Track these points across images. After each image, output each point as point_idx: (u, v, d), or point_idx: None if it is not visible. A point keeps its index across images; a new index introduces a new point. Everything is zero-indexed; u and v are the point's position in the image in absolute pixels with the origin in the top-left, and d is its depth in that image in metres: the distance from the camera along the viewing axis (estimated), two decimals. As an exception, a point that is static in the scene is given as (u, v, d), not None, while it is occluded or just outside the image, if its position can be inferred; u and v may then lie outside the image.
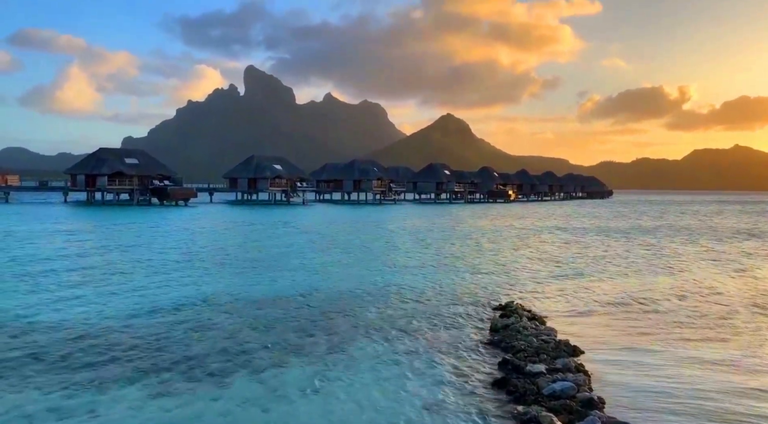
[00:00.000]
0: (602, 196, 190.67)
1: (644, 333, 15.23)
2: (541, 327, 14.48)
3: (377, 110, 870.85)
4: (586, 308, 18.35)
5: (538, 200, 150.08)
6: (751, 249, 37.72)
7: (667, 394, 10.50)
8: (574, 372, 10.73)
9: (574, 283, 23.20)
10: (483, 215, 76.49)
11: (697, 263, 30.29)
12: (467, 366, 12.05)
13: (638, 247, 38.25)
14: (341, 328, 15.13)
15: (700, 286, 22.99)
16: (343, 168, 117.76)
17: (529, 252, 34.05)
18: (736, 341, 14.59)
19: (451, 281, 22.91)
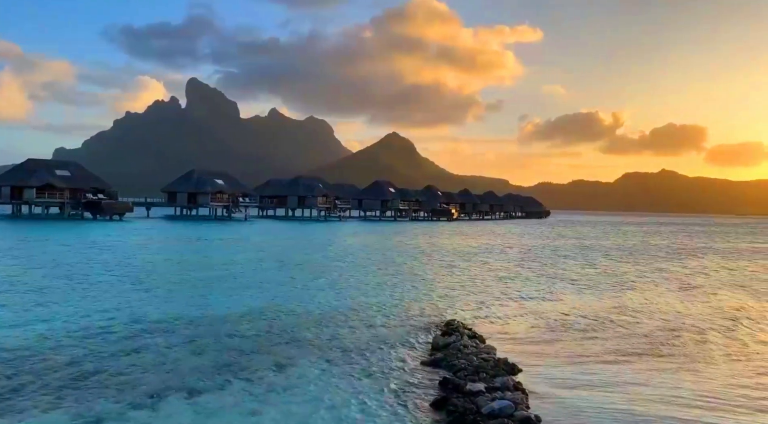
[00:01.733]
0: (540, 216, 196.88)
1: (582, 350, 15.65)
2: (481, 345, 14.64)
3: (324, 127, 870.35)
4: (526, 326, 18.73)
5: (479, 219, 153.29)
6: (690, 268, 39.75)
7: (602, 411, 10.77)
8: (512, 390, 10.87)
9: (516, 301, 23.67)
10: (427, 233, 77.31)
11: (638, 282, 31.55)
12: (407, 386, 12.00)
13: (579, 266, 39.55)
14: (280, 348, 14.78)
15: (640, 304, 23.89)
16: (288, 184, 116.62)
17: (471, 271, 34.56)
18: (674, 357, 15.18)
19: (394, 299, 22.89)
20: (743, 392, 12.30)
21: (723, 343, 17.00)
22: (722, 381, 13.04)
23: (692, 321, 20.24)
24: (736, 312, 22.42)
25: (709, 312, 22.24)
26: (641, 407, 10.93)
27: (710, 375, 13.48)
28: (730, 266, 42.65)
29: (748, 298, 26.51)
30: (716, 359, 15.12)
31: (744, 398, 11.86)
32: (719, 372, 13.83)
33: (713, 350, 16.10)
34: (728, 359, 15.20)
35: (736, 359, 15.14)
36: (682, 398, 11.65)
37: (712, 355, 15.52)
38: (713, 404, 11.38)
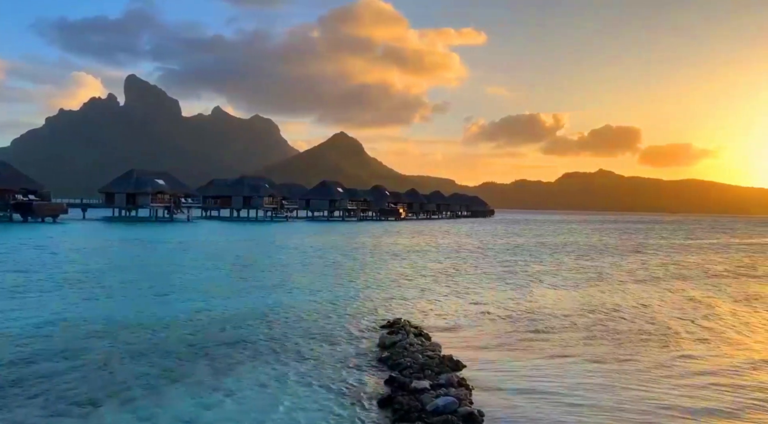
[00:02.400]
0: (485, 215, 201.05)
1: (526, 346, 16.06)
2: (427, 343, 14.81)
3: (269, 126, 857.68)
4: (472, 323, 19.07)
5: (427, 219, 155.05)
6: (627, 263, 41.48)
7: (543, 404, 11.10)
8: (456, 387, 11.05)
9: (462, 298, 24.07)
10: (375, 233, 77.53)
11: (582, 278, 32.64)
12: (354, 385, 12.00)
13: (525, 263, 40.59)
14: (224, 351, 14.46)
15: (584, 299, 24.71)
16: (233, 184, 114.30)
17: (419, 269, 34.89)
18: (614, 349, 15.77)
19: (342, 300, 22.84)
20: (678, 384, 12.95)
21: (669, 337, 17.83)
22: (660, 372, 13.69)
23: (635, 315, 21.15)
24: (683, 305, 23.59)
25: (652, 305, 23.29)
26: (581, 401, 11.32)
27: (654, 369, 13.96)
28: (670, 261, 44.80)
29: (690, 290, 27.93)
30: (661, 352, 15.80)
31: (677, 394, 12.47)
32: (662, 365, 14.51)
33: (657, 343, 16.85)
34: (670, 350, 15.97)
35: (676, 350, 15.94)
36: (622, 391, 12.10)
37: (655, 347, 16.25)
38: (653, 396, 11.85)
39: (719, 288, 29.60)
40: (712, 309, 22.95)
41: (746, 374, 13.61)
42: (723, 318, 20.96)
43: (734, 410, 11.06)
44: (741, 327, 19.40)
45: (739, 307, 23.62)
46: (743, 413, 10.90)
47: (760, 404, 11.49)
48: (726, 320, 20.67)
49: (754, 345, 16.80)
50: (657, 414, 10.69)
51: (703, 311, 22.34)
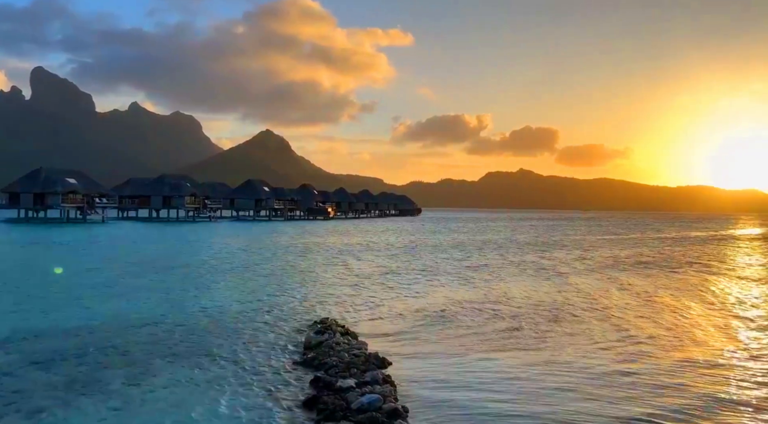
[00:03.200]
0: (412, 214, 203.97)
1: (451, 341, 16.33)
2: (353, 342, 14.78)
3: (191, 123, 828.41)
4: (399, 320, 19.24)
5: (355, 218, 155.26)
6: (551, 258, 43.22)
7: (469, 398, 11.32)
8: (381, 384, 11.10)
9: (390, 296, 24.23)
10: (303, 232, 76.68)
11: (507, 273, 33.68)
12: (279, 387, 11.77)
13: (452, 260, 41.43)
14: (141, 358, 13.77)
15: (509, 294, 25.45)
16: (152, 183, 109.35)
17: (347, 268, 34.83)
18: (538, 342, 16.30)
19: (268, 301, 22.39)
20: (601, 372, 13.63)
21: (593, 329, 18.71)
22: (582, 363, 14.36)
23: (560, 308, 22.04)
24: (606, 297, 24.79)
25: (571, 299, 24.35)
26: (504, 395, 11.61)
27: (576, 361, 14.44)
28: (587, 256, 47.13)
29: (606, 285, 29.49)
30: (585, 344, 16.51)
31: (601, 383, 13.09)
32: (581, 359, 15.21)
33: (582, 335, 17.59)
34: (595, 342, 16.76)
35: (594, 342, 16.77)
36: (544, 383, 12.51)
37: (579, 339, 17.00)
38: (573, 391, 12.31)
39: (638, 280, 31.48)
40: (634, 301, 24.27)
41: (661, 363, 14.54)
42: (649, 311, 22.15)
43: (651, 400, 11.55)
44: (662, 319, 20.70)
45: (662, 298, 25.22)
46: (657, 401, 11.48)
47: (674, 396, 12.23)
48: (651, 313, 21.95)
49: (665, 335, 17.96)
50: (578, 406, 11.08)
51: (625, 303, 23.57)
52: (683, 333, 17.87)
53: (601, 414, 10.53)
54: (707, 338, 17.21)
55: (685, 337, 17.32)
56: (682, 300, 24.53)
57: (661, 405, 11.10)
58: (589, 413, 10.57)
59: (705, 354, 15.19)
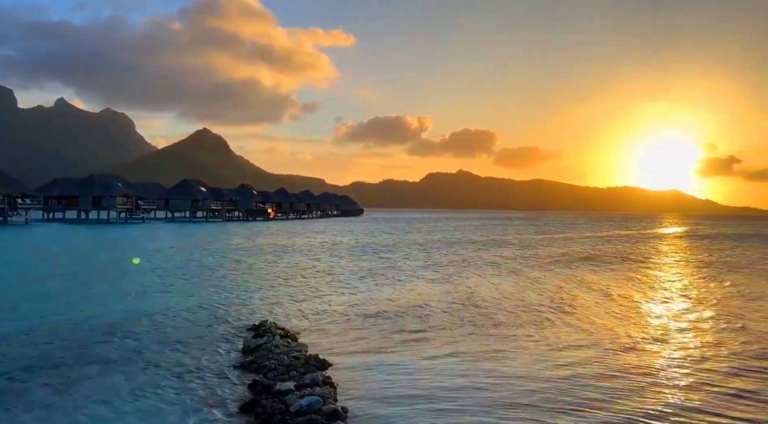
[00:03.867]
0: (355, 214, 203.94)
1: (392, 340, 16.43)
2: (293, 344, 14.60)
3: (123, 121, 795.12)
4: (340, 321, 19.15)
5: (297, 218, 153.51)
6: (492, 256, 44.12)
7: (408, 398, 11.38)
8: (321, 386, 11.03)
9: (331, 296, 24.07)
10: (242, 233, 75.05)
11: (450, 271, 34.09)
12: (216, 393, 11.47)
13: (393, 260, 41.58)
14: (69, 364, 13.08)
15: (451, 292, 25.80)
16: (80, 183, 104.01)
17: (288, 269, 34.33)
18: (480, 340, 16.57)
19: (204, 304, 21.74)
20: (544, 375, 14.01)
21: (537, 327, 19.20)
22: (524, 359, 14.72)
23: (501, 306, 22.54)
24: (547, 295, 25.52)
25: (518, 296, 24.98)
26: (444, 393, 11.74)
27: (513, 359, 14.83)
28: (527, 254, 48.48)
29: (550, 281, 30.41)
30: (523, 342, 16.97)
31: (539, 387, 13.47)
32: (524, 356, 15.60)
33: (522, 332, 18.07)
34: (534, 339, 17.21)
35: (537, 340, 17.23)
36: (485, 383, 12.69)
37: (516, 337, 17.42)
38: (515, 388, 12.60)
39: (576, 277, 32.67)
40: (575, 298, 25.03)
41: (605, 357, 15.13)
42: (587, 306, 22.96)
43: (605, 398, 11.89)
44: (600, 313, 21.54)
45: (598, 294, 26.25)
46: (610, 401, 11.72)
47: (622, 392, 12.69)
48: (591, 308, 22.79)
49: (601, 331, 18.72)
50: (518, 402, 11.33)
51: (567, 300, 24.30)
52: (626, 328, 18.72)
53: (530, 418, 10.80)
54: (636, 333, 18.10)
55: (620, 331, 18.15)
56: (623, 294, 25.68)
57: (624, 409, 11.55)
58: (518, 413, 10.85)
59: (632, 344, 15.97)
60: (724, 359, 14.77)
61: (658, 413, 10.73)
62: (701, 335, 17.70)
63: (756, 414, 10.77)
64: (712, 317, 20.79)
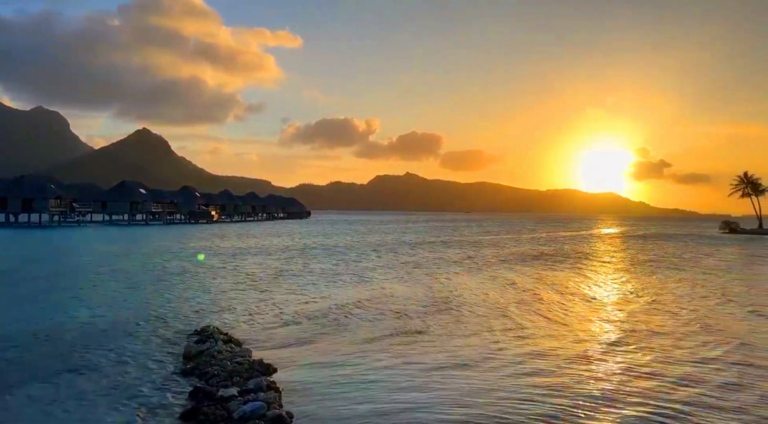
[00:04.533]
0: (302, 217, 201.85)
1: (338, 343, 16.30)
2: (237, 349, 14.23)
3: (57, 119, 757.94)
4: (287, 324, 18.83)
5: (241, 221, 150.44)
6: (440, 256, 44.42)
7: (355, 402, 11.30)
8: (265, 391, 10.81)
9: (277, 300, 23.64)
10: (184, 236, 72.82)
11: (399, 273, 34.20)
12: (156, 401, 11.02)
13: (342, 262, 41.29)
14: (3, 375, 12.19)
15: (400, 292, 25.89)
16: (9, 184, 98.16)
17: (232, 273, 33.49)
18: (427, 340, 16.68)
19: (145, 309, 20.91)
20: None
21: (479, 324, 19.40)
22: (466, 356, 14.83)
23: (448, 304, 22.75)
24: (489, 295, 25.87)
25: (466, 295, 25.23)
26: (390, 394, 11.73)
27: (463, 357, 14.96)
28: (476, 254, 49.17)
29: (494, 281, 30.87)
30: (468, 339, 17.13)
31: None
32: (467, 346, 15.73)
33: (466, 330, 18.25)
34: (480, 336, 17.38)
35: (476, 333, 17.41)
36: (432, 382, 12.79)
37: (465, 334, 17.57)
38: (458, 383, 12.73)
39: (529, 276, 33.37)
40: (523, 295, 25.66)
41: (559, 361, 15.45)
42: (546, 308, 23.38)
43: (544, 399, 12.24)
44: (545, 310, 22.02)
45: (545, 292, 26.86)
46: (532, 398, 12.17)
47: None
48: (538, 304, 23.29)
49: (540, 329, 19.14)
50: (460, 399, 11.46)
51: (517, 298, 24.83)
52: (569, 324, 19.23)
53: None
54: (580, 329, 18.64)
55: (562, 327, 18.64)
56: (562, 294, 26.41)
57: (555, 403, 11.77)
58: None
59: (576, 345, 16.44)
60: (679, 360, 15.42)
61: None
62: (652, 336, 18.42)
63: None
64: (660, 315, 21.69)
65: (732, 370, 13.82)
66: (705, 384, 12.60)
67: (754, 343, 16.81)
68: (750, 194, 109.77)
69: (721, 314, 21.87)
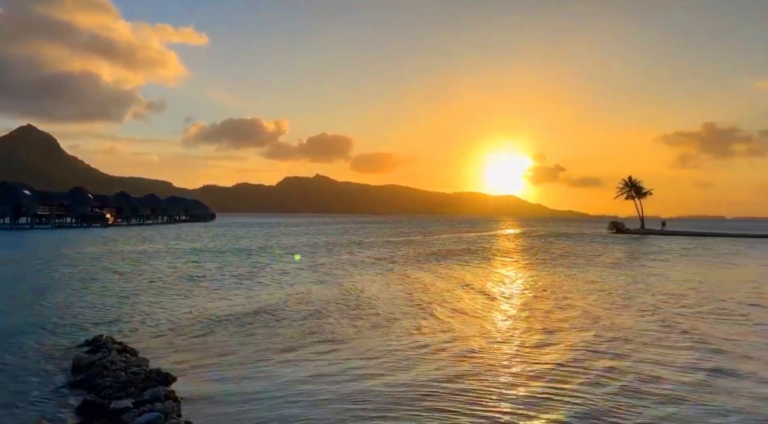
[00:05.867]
0: (206, 219, 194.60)
1: (241, 349, 15.81)
2: (132, 359, 13.43)
3: None
4: (185, 332, 18.01)
5: (140, 224, 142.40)
6: (351, 257, 44.21)
7: (256, 407, 11.03)
8: (163, 401, 10.30)
9: (174, 306, 22.55)
10: (75, 241, 67.71)
11: (310, 275, 33.61)
12: (41, 418, 10.05)
13: (254, 265, 40.09)
14: None
15: (310, 295, 25.49)
16: None
17: (128, 279, 31.52)
18: (335, 343, 16.51)
19: (29, 319, 19.21)
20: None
21: (391, 324, 19.48)
22: (381, 361, 14.89)
23: (358, 304, 22.71)
24: (405, 295, 26.09)
25: (380, 295, 25.28)
26: (294, 399, 11.54)
27: (373, 358, 15.06)
28: (388, 255, 49.53)
29: (406, 280, 31.22)
30: (379, 340, 17.19)
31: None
32: (377, 348, 15.77)
33: (376, 330, 18.31)
34: (388, 337, 17.48)
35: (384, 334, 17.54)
36: (337, 386, 12.71)
37: (375, 335, 17.60)
38: (373, 386, 12.74)
39: (435, 273, 34.04)
40: (446, 297, 25.87)
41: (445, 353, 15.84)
42: (459, 306, 23.89)
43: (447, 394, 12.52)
44: (471, 310, 22.56)
45: (462, 292, 27.51)
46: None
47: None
48: (451, 303, 23.79)
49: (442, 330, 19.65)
50: (375, 401, 11.46)
51: (439, 300, 25.08)
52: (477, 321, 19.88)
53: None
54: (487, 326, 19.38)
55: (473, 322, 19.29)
56: (471, 291, 27.32)
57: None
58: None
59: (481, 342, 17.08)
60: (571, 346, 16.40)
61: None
62: (551, 328, 19.47)
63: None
64: (556, 307, 23.00)
65: (608, 357, 14.99)
66: (588, 372, 13.58)
67: (630, 337, 18.32)
68: (633, 197, 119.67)
69: (602, 306, 23.63)
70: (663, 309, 23.05)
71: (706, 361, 14.83)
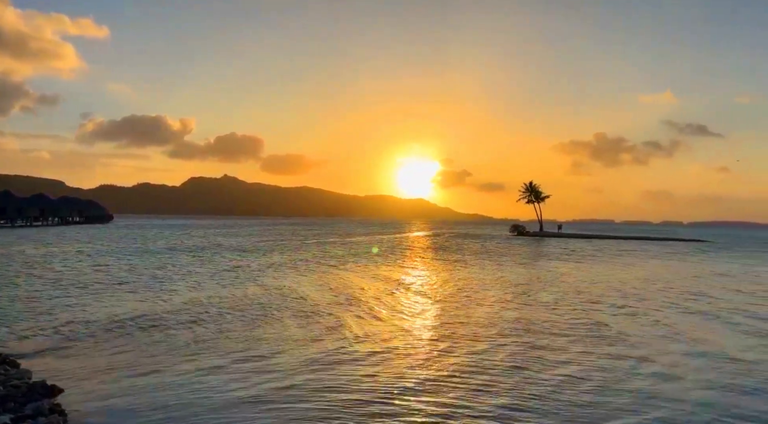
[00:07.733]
0: (103, 221, 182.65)
1: (144, 357, 14.79)
2: (12, 371, 12.07)
3: None
4: (80, 339, 16.56)
5: (27, 226, 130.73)
6: (261, 261, 42.73)
7: (149, 419, 10.27)
8: (47, 415, 9.33)
9: (71, 311, 20.64)
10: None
11: (220, 278, 32.06)
12: None
13: (158, 268, 37.70)
14: None
15: (215, 300, 24.24)
16: None
17: (16, 286, 28.55)
18: (242, 352, 15.71)
19: None
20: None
21: (306, 326, 18.90)
22: (301, 365, 14.37)
23: (274, 307, 21.90)
24: (306, 297, 25.47)
25: (295, 296, 24.52)
26: (200, 412, 10.93)
27: (297, 362, 14.60)
28: (300, 257, 48.50)
29: (325, 280, 30.59)
30: (298, 345, 16.60)
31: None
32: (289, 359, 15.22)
33: (297, 330, 17.69)
34: (307, 342, 16.94)
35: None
36: (248, 392, 12.16)
37: (295, 339, 16.99)
38: (272, 390, 12.25)
39: (350, 272, 33.66)
40: (359, 296, 25.75)
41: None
42: (370, 306, 23.70)
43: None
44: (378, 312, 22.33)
45: (371, 290, 27.28)
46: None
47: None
48: (365, 304, 23.49)
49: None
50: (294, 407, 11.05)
51: (355, 301, 24.83)
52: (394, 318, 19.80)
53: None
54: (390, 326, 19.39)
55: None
56: (387, 290, 27.32)
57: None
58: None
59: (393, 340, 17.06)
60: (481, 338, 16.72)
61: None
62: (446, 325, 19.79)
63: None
64: (461, 305, 23.50)
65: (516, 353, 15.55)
66: (495, 367, 13.97)
67: (539, 330, 19.14)
68: (533, 201, 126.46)
69: (508, 300, 24.59)
70: (565, 302, 24.38)
71: (604, 347, 15.75)
